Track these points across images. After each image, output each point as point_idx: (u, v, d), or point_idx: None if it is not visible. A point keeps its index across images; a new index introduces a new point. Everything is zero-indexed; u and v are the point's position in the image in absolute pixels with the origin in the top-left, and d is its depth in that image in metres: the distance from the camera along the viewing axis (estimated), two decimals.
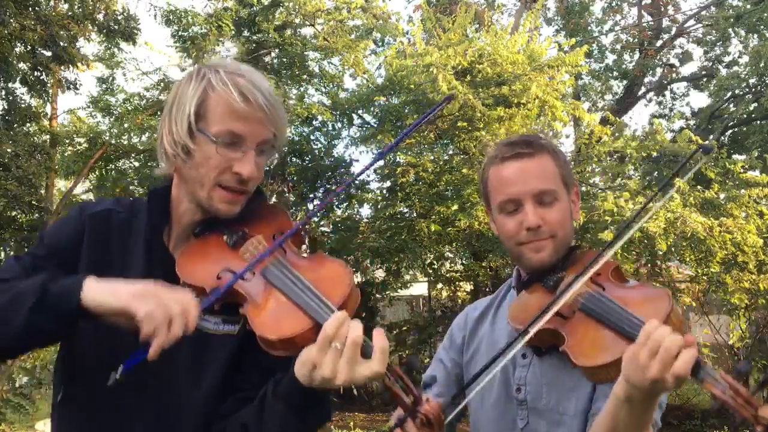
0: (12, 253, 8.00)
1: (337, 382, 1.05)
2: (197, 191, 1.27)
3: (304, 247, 1.41)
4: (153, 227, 1.32)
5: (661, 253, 6.48)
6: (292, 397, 1.11)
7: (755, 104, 12.20)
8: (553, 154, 1.55)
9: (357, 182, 8.53)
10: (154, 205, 1.34)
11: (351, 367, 1.04)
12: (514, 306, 1.49)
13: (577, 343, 1.29)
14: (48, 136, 8.31)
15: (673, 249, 6.51)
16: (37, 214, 7.85)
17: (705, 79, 14.23)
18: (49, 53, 7.11)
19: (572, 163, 8.16)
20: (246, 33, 8.19)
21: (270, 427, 1.13)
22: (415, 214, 7.77)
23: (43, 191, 8.07)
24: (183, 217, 1.32)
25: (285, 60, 8.24)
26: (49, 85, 7.87)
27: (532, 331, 1.30)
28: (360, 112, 8.52)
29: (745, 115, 12.66)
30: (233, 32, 7.92)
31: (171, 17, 7.87)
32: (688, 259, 6.85)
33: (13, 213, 7.72)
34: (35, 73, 7.46)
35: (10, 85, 7.50)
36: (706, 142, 8.35)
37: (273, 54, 8.30)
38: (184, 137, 1.24)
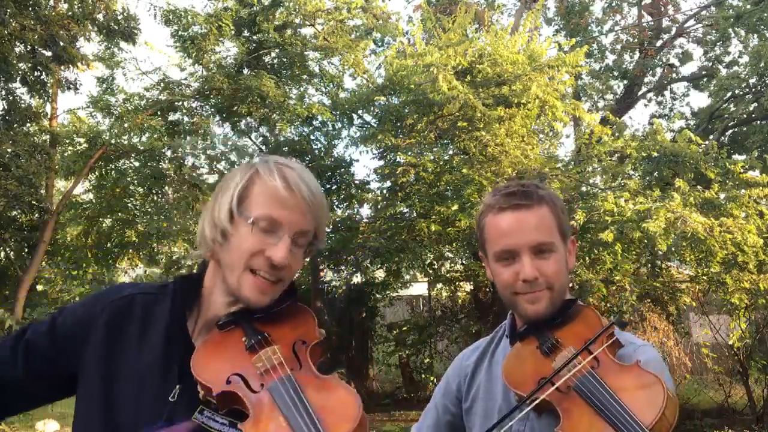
0: (12, 254, 8.00)
1: None
2: (228, 276, 1.26)
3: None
4: (175, 312, 1.29)
5: (661, 253, 6.48)
6: None
7: (755, 104, 12.20)
8: (551, 204, 1.55)
9: (357, 182, 8.53)
10: (181, 289, 1.32)
11: None
12: (510, 362, 1.48)
13: (571, 427, 1.28)
14: (48, 136, 8.31)
15: (673, 249, 6.51)
16: (37, 214, 7.85)
17: (705, 79, 14.23)
18: (49, 53, 7.11)
19: (572, 163, 8.16)
20: (246, 33, 8.18)
21: None
22: (415, 214, 7.76)
23: (43, 191, 8.07)
24: (212, 307, 1.30)
25: (285, 60, 8.24)
26: (49, 85, 7.87)
27: (529, 406, 1.33)
28: (360, 112, 8.51)
29: (745, 115, 12.66)
30: (233, 32, 7.92)
31: (171, 17, 7.87)
32: (688, 259, 6.85)
33: (13, 213, 7.73)
34: (35, 73, 7.46)
35: (10, 85, 7.50)
36: (706, 142, 8.33)
37: (273, 54, 8.30)
38: (224, 220, 1.25)
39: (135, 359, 1.24)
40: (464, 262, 8.82)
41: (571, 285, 1.68)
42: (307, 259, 1.20)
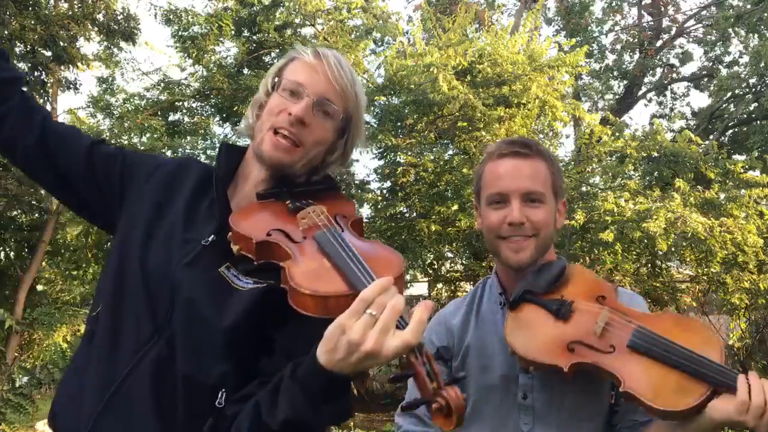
0: (12, 254, 7.99)
1: (364, 348, 0.95)
2: (255, 139, 1.35)
3: None
4: (221, 170, 1.37)
5: (661, 253, 6.48)
6: (309, 380, 1.00)
7: (755, 104, 12.19)
8: (548, 161, 1.61)
9: (357, 182, 8.52)
10: (224, 156, 1.40)
11: (383, 335, 0.95)
12: (521, 334, 1.46)
13: (643, 386, 1.29)
14: None
15: (673, 249, 6.51)
16: (37, 214, 7.85)
17: (705, 79, 14.23)
18: (49, 53, 7.11)
19: (572, 163, 8.15)
20: (246, 33, 8.18)
21: (281, 410, 1.02)
22: (415, 214, 7.76)
23: (43, 191, 8.07)
24: (249, 179, 1.37)
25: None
26: (49, 85, 7.87)
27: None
28: None
29: (745, 115, 12.65)
30: (233, 32, 7.92)
31: (171, 17, 7.87)
32: (688, 259, 6.85)
33: (14, 213, 7.72)
34: (35, 73, 7.45)
35: None
36: (706, 142, 8.33)
37: (273, 54, 8.29)
38: (261, 95, 1.38)
39: (181, 207, 1.32)
40: (464, 262, 8.83)
41: None
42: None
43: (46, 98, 8.39)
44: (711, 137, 11.15)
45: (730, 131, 13.38)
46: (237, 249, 1.20)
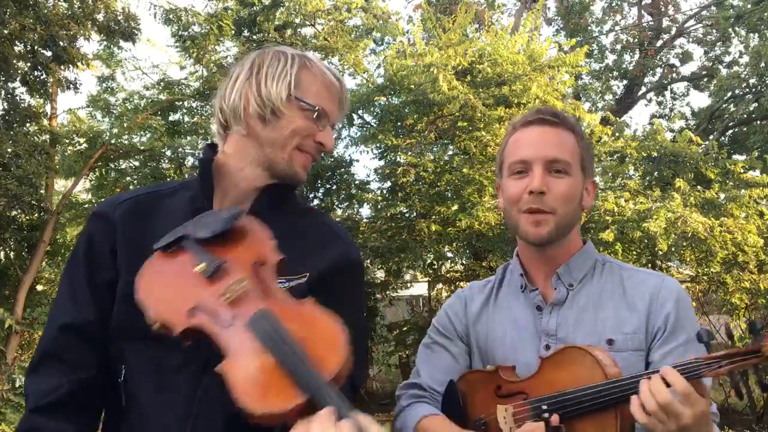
0: (12, 254, 7.98)
1: None
2: (276, 152, 1.33)
3: None
4: (206, 192, 1.34)
5: (661, 253, 6.48)
6: None
7: (755, 104, 12.18)
8: (578, 134, 1.52)
9: (357, 182, 8.52)
10: (206, 173, 1.36)
11: None
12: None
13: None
14: (48, 136, 8.31)
15: (673, 249, 6.51)
16: (36, 214, 7.84)
17: (705, 79, 14.23)
18: (49, 53, 7.10)
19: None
20: (246, 33, 8.18)
21: None
22: (415, 214, 7.76)
23: (43, 191, 8.06)
24: (242, 183, 1.34)
25: None
26: (49, 84, 7.86)
27: None
28: (360, 112, 8.51)
29: (745, 115, 12.64)
30: (233, 32, 7.91)
31: (171, 16, 7.86)
32: (688, 259, 6.85)
33: (13, 213, 7.71)
34: (35, 73, 7.45)
35: (10, 85, 7.49)
36: (706, 142, 8.33)
37: None
38: (276, 100, 1.32)
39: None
40: (464, 262, 8.82)
41: None
42: None
43: (46, 98, 8.39)
44: (711, 137, 11.15)
45: (730, 131, 13.37)
46: (156, 326, 1.07)
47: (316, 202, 8.71)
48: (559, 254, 1.50)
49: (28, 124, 7.84)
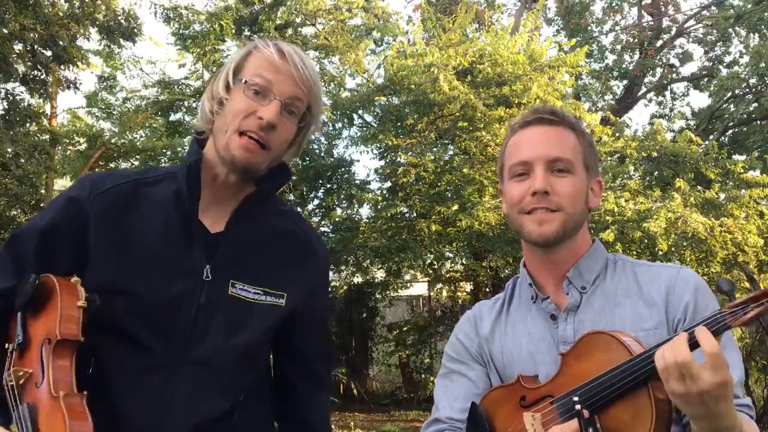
0: None
1: None
2: (219, 141, 1.31)
3: None
4: (192, 190, 1.33)
5: (661, 253, 6.48)
6: None
7: (755, 104, 12.17)
8: (579, 132, 1.46)
9: (357, 182, 8.52)
10: (194, 169, 1.34)
11: None
12: None
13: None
14: (48, 136, 8.31)
15: (673, 249, 6.51)
16: (37, 214, 7.84)
17: (705, 79, 14.23)
18: (49, 53, 7.10)
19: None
20: (247, 32, 8.18)
21: None
22: (415, 214, 7.76)
23: (43, 191, 8.06)
24: (216, 181, 1.34)
25: None
26: (49, 84, 7.86)
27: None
28: (360, 112, 8.51)
29: (745, 115, 12.64)
30: (234, 31, 7.92)
31: (171, 14, 7.86)
32: (688, 259, 6.84)
33: (13, 213, 7.71)
34: (35, 72, 7.44)
35: (10, 85, 7.49)
36: (706, 142, 8.34)
37: None
38: (221, 90, 1.32)
39: (148, 239, 1.29)
40: (464, 262, 8.82)
41: None
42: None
43: (45, 98, 8.39)
44: (711, 137, 11.15)
45: (730, 131, 13.37)
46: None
47: (316, 202, 8.71)
48: (566, 257, 1.44)
49: (28, 124, 7.84)
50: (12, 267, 1.29)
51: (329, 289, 1.66)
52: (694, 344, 1.12)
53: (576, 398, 1.21)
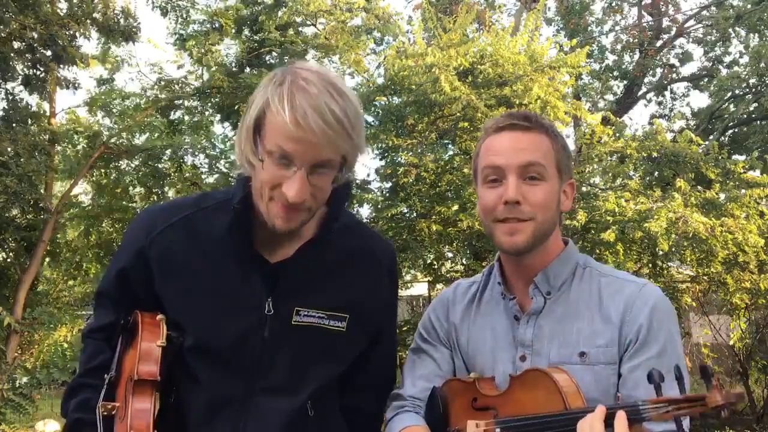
0: (12, 254, 7.97)
1: None
2: (261, 207, 1.29)
3: None
4: (242, 228, 1.32)
5: (661, 253, 6.48)
6: None
7: (755, 104, 12.18)
8: (552, 135, 1.47)
9: (357, 182, 8.51)
10: (245, 205, 1.32)
11: None
12: None
13: None
14: (48, 135, 8.31)
15: (674, 249, 6.51)
16: (36, 214, 7.83)
17: (705, 80, 14.23)
18: (48, 53, 7.09)
19: (573, 163, 8.14)
20: (247, 32, 8.18)
21: None
22: (415, 215, 7.76)
23: (42, 190, 8.05)
24: (266, 224, 1.32)
25: (286, 59, 8.22)
26: (48, 83, 7.86)
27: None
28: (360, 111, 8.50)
29: (745, 115, 12.64)
30: (234, 30, 7.91)
31: (168, 8, 7.84)
32: (689, 259, 6.84)
33: (13, 213, 7.70)
34: (34, 71, 7.43)
35: (10, 85, 7.49)
36: (706, 142, 8.34)
37: (274, 53, 8.29)
38: (247, 152, 1.26)
39: (206, 276, 1.31)
40: (465, 262, 8.82)
41: None
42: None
43: (44, 97, 8.38)
44: (711, 137, 11.15)
45: (730, 131, 13.37)
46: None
47: None
48: (536, 262, 1.46)
49: (29, 122, 7.83)
50: (111, 305, 1.35)
51: (396, 310, 1.63)
52: (610, 422, 1.16)
53: (498, 430, 1.32)
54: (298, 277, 1.32)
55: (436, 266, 8.78)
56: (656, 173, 7.93)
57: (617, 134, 8.14)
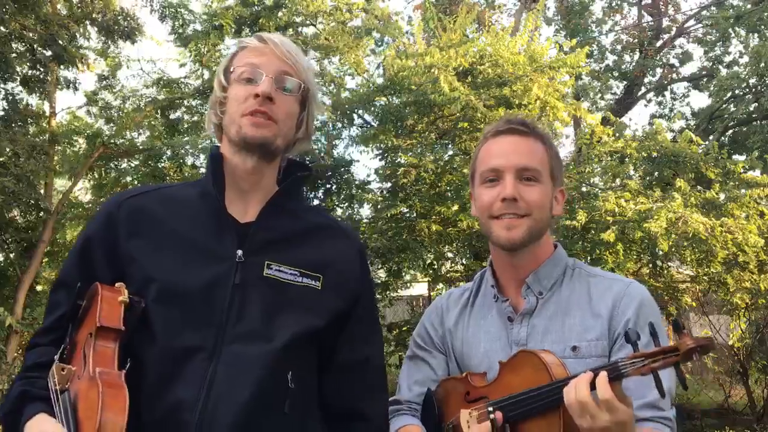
0: (12, 255, 7.97)
1: None
2: (231, 132, 1.37)
3: None
4: (219, 187, 1.37)
5: (661, 253, 6.47)
6: None
7: (755, 104, 12.18)
8: (547, 144, 1.56)
9: (357, 182, 8.51)
10: (217, 169, 1.39)
11: None
12: None
13: None
14: (47, 136, 8.31)
15: (674, 249, 6.50)
16: (36, 214, 7.83)
17: (705, 80, 14.22)
18: (49, 53, 7.09)
19: (573, 163, 8.15)
20: (247, 32, 8.18)
21: None
22: (415, 215, 7.75)
23: (42, 191, 8.05)
24: (236, 170, 1.38)
25: None
26: (47, 83, 7.85)
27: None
28: (360, 112, 8.50)
29: (745, 115, 12.64)
30: (234, 30, 7.91)
31: (167, 12, 7.84)
32: (689, 260, 6.84)
33: (13, 213, 7.70)
34: (34, 71, 7.43)
35: (10, 85, 7.48)
36: (706, 142, 8.34)
37: None
38: (218, 93, 1.41)
39: (178, 232, 1.33)
40: (464, 262, 8.81)
41: None
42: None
43: (44, 97, 8.38)
44: (711, 137, 11.15)
45: (730, 131, 13.37)
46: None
47: (316, 202, 8.70)
48: (528, 261, 1.53)
49: (29, 121, 7.83)
50: (67, 295, 1.32)
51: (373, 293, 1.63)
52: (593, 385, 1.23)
53: (491, 408, 1.37)
54: (269, 236, 1.36)
55: (435, 266, 8.78)
56: (656, 173, 7.93)
57: (617, 134, 8.14)
